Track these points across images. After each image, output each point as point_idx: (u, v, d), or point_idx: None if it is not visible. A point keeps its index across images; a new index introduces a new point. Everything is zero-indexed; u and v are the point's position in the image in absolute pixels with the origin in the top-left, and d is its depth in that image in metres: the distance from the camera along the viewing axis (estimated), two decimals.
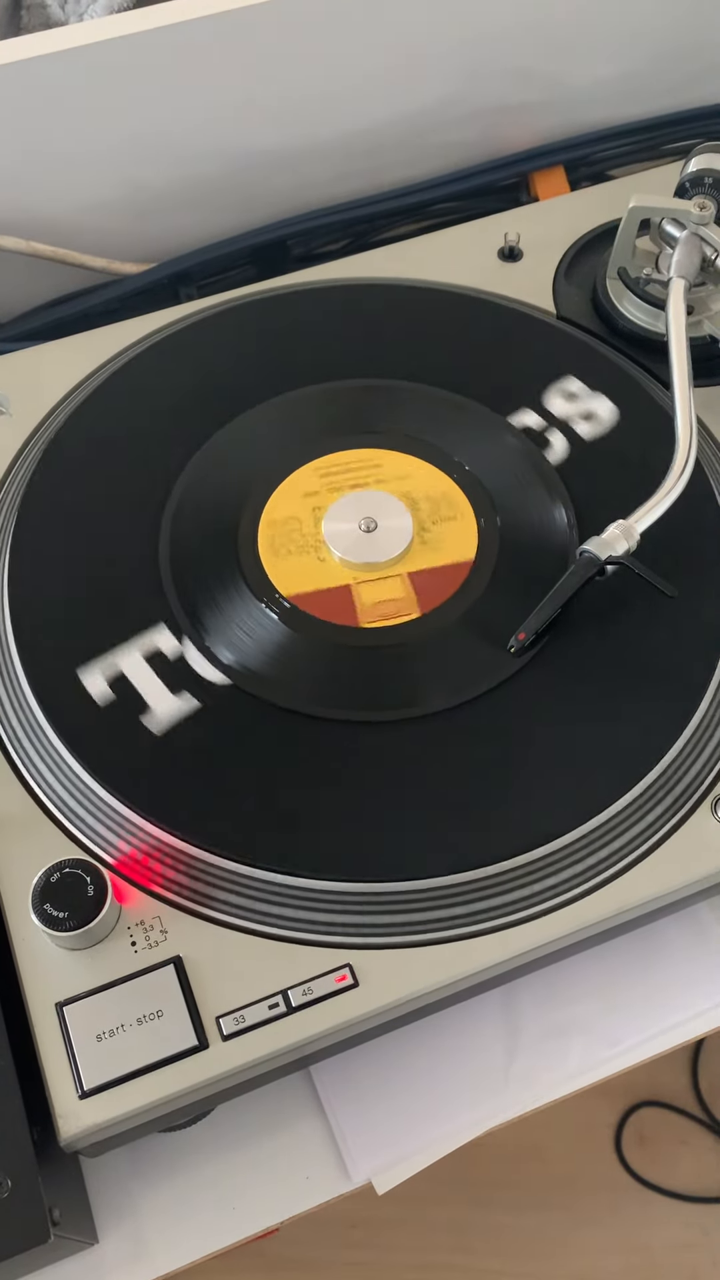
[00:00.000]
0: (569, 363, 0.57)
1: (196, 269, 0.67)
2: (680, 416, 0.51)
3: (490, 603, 0.49)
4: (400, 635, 0.48)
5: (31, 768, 0.45)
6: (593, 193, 0.67)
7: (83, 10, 0.68)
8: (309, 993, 0.41)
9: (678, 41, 0.71)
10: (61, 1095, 0.40)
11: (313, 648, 0.48)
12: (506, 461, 0.54)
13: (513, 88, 0.69)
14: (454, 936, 0.43)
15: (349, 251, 0.70)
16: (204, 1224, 0.47)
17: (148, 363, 0.57)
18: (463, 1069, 0.49)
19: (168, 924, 0.43)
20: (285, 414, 0.55)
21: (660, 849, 0.45)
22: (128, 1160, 0.47)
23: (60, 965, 0.42)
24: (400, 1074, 0.49)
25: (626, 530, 0.48)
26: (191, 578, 0.50)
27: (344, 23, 0.61)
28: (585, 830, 0.44)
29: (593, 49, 0.69)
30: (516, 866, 0.44)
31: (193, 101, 0.62)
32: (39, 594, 0.49)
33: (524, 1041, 0.50)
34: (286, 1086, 0.49)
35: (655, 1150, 1.15)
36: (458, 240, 0.63)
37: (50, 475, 0.53)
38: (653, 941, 0.52)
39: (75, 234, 0.65)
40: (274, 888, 0.43)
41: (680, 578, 0.48)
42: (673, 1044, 0.50)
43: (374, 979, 0.42)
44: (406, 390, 0.56)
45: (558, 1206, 1.12)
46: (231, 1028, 0.41)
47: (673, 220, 0.57)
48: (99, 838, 0.44)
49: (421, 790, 0.45)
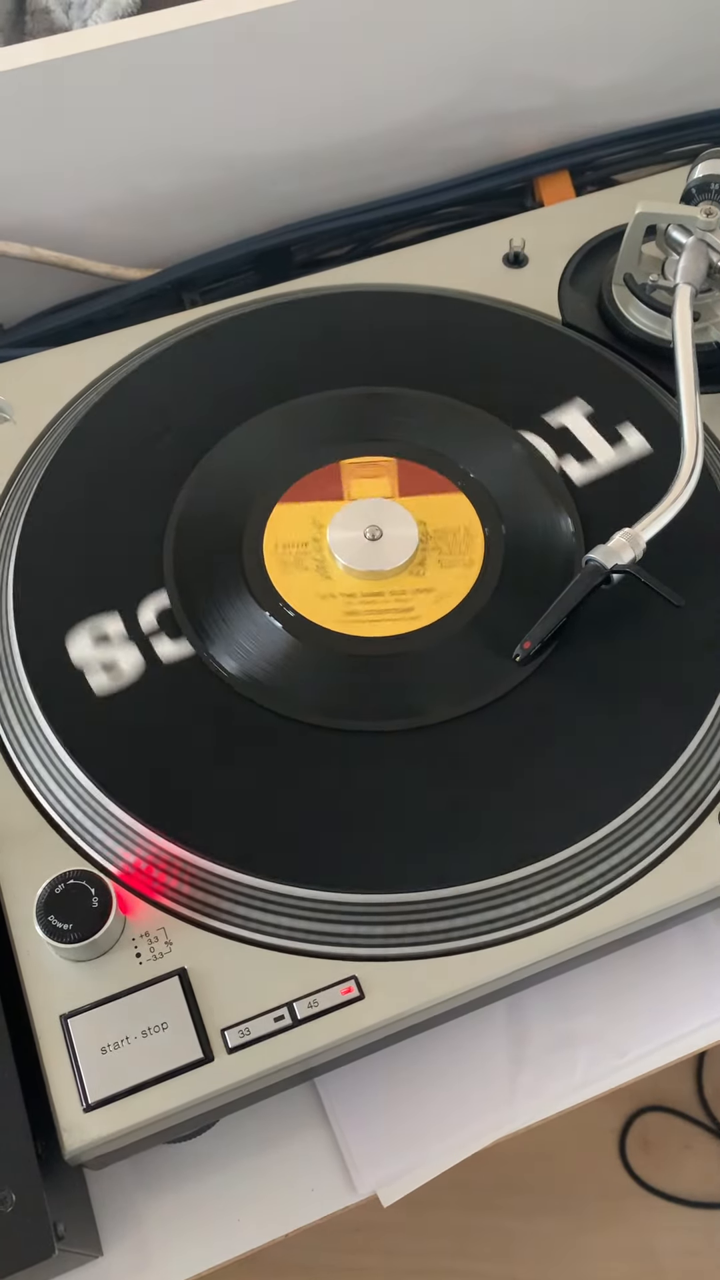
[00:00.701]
0: (574, 370, 0.57)
1: (200, 275, 0.67)
2: (686, 423, 0.50)
3: (495, 612, 0.49)
4: (405, 644, 0.48)
5: (36, 778, 0.45)
6: (598, 198, 0.66)
7: (87, 16, 0.68)
8: (314, 1005, 0.41)
9: (683, 46, 0.70)
10: (66, 1108, 0.40)
11: (318, 657, 0.48)
12: (512, 469, 0.54)
13: (517, 92, 0.69)
14: (460, 948, 0.42)
15: (353, 257, 0.70)
16: (208, 1236, 0.46)
17: (151, 370, 0.57)
18: (469, 1080, 0.49)
19: (172, 935, 0.42)
20: (288, 422, 0.55)
21: (667, 860, 0.44)
22: (131, 1172, 0.47)
23: (64, 977, 0.42)
24: (405, 1084, 0.49)
25: (632, 538, 0.48)
26: (196, 589, 0.50)
27: (348, 28, 0.61)
28: (592, 841, 0.44)
29: (597, 53, 0.69)
30: (522, 877, 0.43)
31: (196, 107, 0.62)
32: (44, 606, 0.49)
33: (530, 1052, 0.50)
34: (291, 1097, 0.49)
35: (660, 1155, 1.15)
36: (463, 246, 0.63)
37: (54, 485, 0.52)
38: (659, 952, 0.51)
39: (79, 240, 0.65)
40: (279, 898, 0.43)
41: (686, 587, 0.48)
42: (680, 1054, 0.50)
43: (380, 991, 0.42)
44: (412, 398, 0.56)
45: (561, 1212, 1.12)
46: (237, 1040, 0.41)
47: (679, 226, 0.56)
48: (103, 848, 0.44)
49: (426, 800, 0.45)
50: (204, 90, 0.61)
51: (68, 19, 0.69)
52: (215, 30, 0.58)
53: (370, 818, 0.44)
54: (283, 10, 0.59)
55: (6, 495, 0.53)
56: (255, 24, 0.59)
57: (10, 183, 0.61)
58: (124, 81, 0.59)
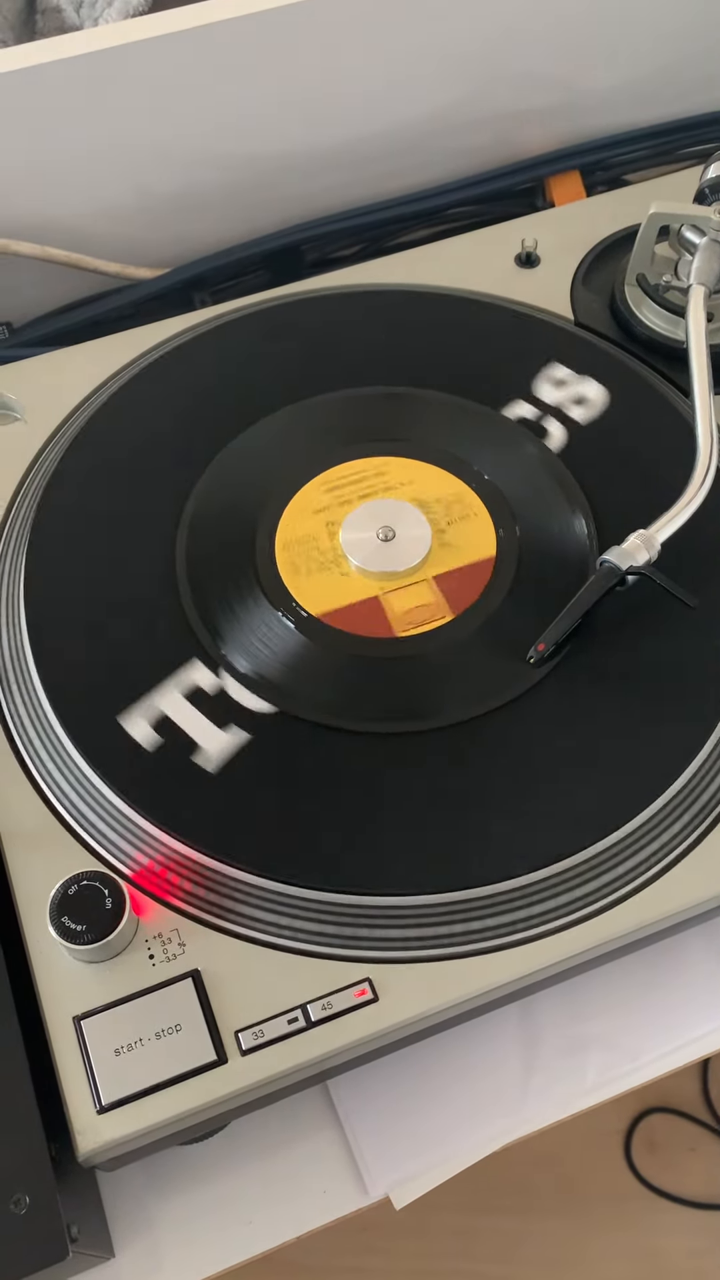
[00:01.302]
0: (588, 370, 0.57)
1: (210, 274, 0.67)
2: (701, 425, 0.50)
3: (509, 613, 0.49)
4: (438, 640, 0.48)
5: (49, 779, 0.45)
6: (609, 198, 0.66)
7: (98, 15, 0.68)
8: (329, 1007, 0.41)
9: (693, 45, 0.70)
10: (79, 1110, 0.40)
11: (331, 658, 0.48)
12: (525, 470, 0.53)
13: (527, 92, 0.69)
14: (474, 951, 0.42)
15: (363, 257, 0.70)
16: (220, 1238, 0.46)
17: (162, 370, 0.57)
18: (481, 1083, 0.49)
19: (186, 937, 0.42)
20: (299, 422, 0.55)
21: (682, 863, 0.44)
22: (143, 1173, 0.47)
23: (78, 978, 0.42)
24: (418, 1087, 0.49)
25: (647, 540, 0.48)
26: (209, 590, 0.49)
27: (358, 27, 0.61)
28: (606, 844, 0.44)
29: (607, 53, 0.69)
30: (537, 881, 0.43)
31: (206, 106, 0.61)
32: (56, 606, 0.49)
33: (542, 1055, 0.50)
34: (302, 1099, 0.48)
35: (665, 1157, 1.15)
36: (474, 246, 0.63)
37: (65, 485, 0.52)
38: (672, 955, 0.51)
39: (89, 239, 0.65)
40: (293, 900, 0.43)
41: (701, 588, 0.48)
42: (691, 1058, 0.50)
43: (394, 994, 0.41)
44: (424, 398, 0.56)
45: (566, 1213, 1.12)
46: (251, 1042, 0.40)
47: (693, 226, 0.56)
48: (116, 850, 0.44)
49: (439, 803, 0.45)
50: (214, 89, 0.61)
51: (79, 17, 0.69)
52: (225, 29, 0.58)
53: (383, 820, 0.44)
54: (293, 9, 0.59)
55: (18, 495, 0.53)
56: (266, 22, 0.59)
57: (20, 181, 0.61)
58: (134, 80, 0.58)
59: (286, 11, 0.59)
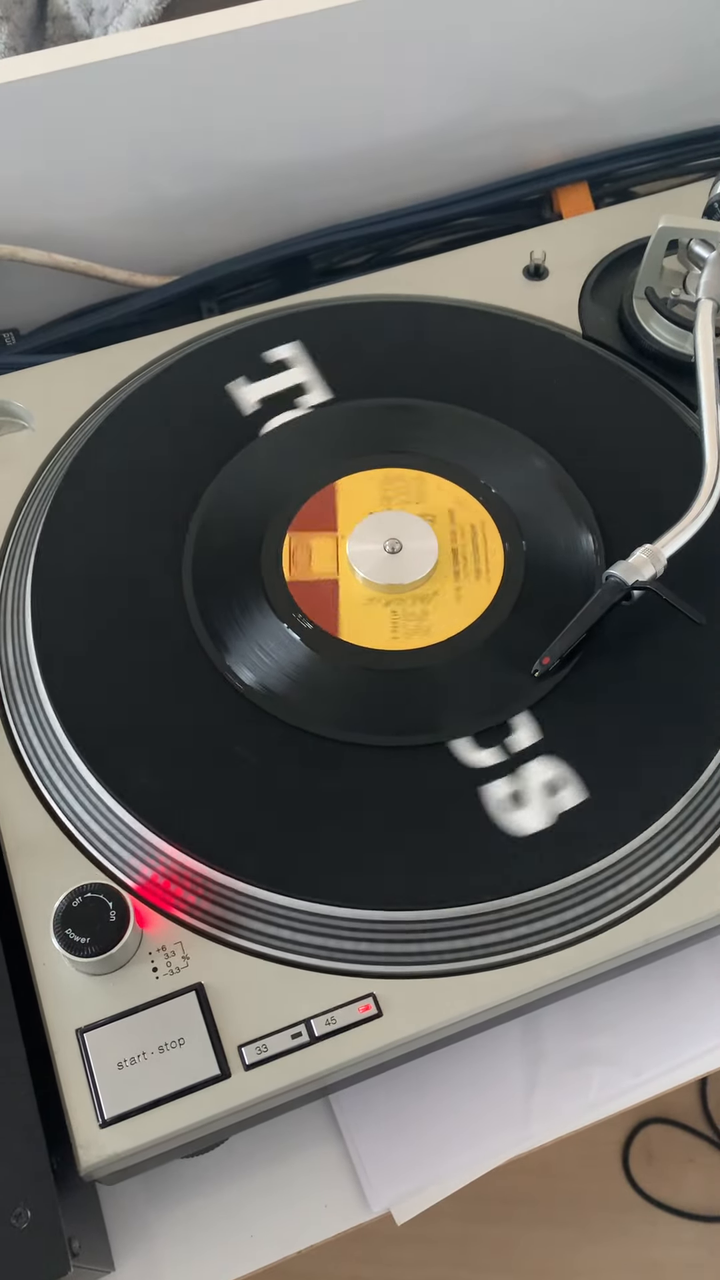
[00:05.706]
0: (595, 383, 0.57)
1: (219, 282, 0.67)
2: (708, 439, 0.50)
3: (514, 627, 0.49)
4: (443, 653, 0.48)
5: (54, 790, 0.45)
6: (618, 211, 0.66)
7: (108, 23, 0.68)
8: (332, 1022, 0.41)
9: (703, 57, 0.70)
10: (82, 1124, 0.39)
11: (335, 671, 0.48)
12: (532, 485, 0.53)
13: (536, 103, 0.69)
14: (479, 967, 0.42)
15: (372, 266, 0.70)
16: (221, 1251, 0.46)
17: (170, 379, 0.57)
18: (483, 1098, 0.49)
19: (189, 950, 0.42)
20: (307, 433, 0.55)
21: (687, 879, 0.44)
22: (144, 1186, 0.47)
23: (81, 991, 0.41)
24: (420, 1102, 0.49)
25: (653, 555, 0.48)
26: (214, 599, 0.49)
27: (368, 38, 0.61)
28: (612, 860, 0.44)
29: (616, 64, 0.69)
30: (541, 897, 0.43)
31: (216, 115, 0.61)
32: (63, 615, 0.49)
33: (545, 1071, 0.49)
34: (304, 1113, 0.48)
35: (663, 1168, 1.14)
36: (483, 257, 0.63)
37: (73, 493, 0.52)
38: (677, 971, 0.51)
39: (96, 246, 0.65)
40: (297, 914, 0.43)
41: (708, 604, 0.48)
42: (695, 1074, 0.49)
43: (398, 1009, 0.41)
44: (430, 410, 0.56)
45: (564, 1223, 1.12)
46: (254, 1057, 0.40)
47: (702, 241, 0.56)
48: (121, 862, 0.44)
49: (445, 817, 0.45)
50: (222, 98, 0.61)
51: (89, 26, 0.69)
52: (235, 39, 0.58)
53: (388, 834, 0.44)
54: (302, 20, 0.59)
55: (25, 502, 0.53)
56: (275, 33, 0.59)
57: (28, 188, 0.61)
58: (143, 89, 0.58)
59: (297, 23, 0.59)
